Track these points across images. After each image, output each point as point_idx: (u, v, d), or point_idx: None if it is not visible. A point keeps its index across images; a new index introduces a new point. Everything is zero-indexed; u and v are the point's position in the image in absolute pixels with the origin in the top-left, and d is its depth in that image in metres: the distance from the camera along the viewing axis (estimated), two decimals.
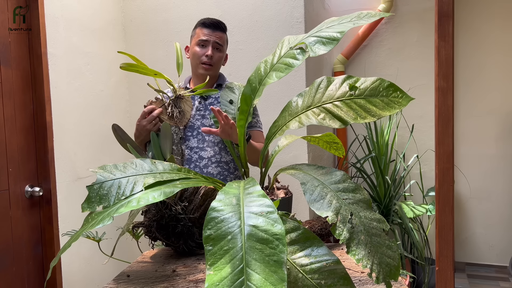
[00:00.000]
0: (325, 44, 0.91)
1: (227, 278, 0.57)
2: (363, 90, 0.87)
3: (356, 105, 0.87)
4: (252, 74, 1.06)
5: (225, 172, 1.73)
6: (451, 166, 1.12)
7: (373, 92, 0.86)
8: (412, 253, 2.94)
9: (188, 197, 1.19)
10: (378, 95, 0.86)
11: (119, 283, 1.03)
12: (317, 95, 0.94)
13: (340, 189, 0.81)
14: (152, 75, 1.38)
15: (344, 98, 0.89)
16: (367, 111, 0.85)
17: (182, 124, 1.59)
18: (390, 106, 0.84)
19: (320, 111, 0.91)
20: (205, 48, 1.72)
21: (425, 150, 3.31)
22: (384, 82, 0.86)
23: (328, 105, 0.91)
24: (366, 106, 0.86)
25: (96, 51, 2.47)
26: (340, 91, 0.90)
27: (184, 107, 1.57)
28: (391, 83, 0.85)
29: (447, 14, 1.11)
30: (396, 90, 0.85)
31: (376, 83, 0.87)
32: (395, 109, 0.83)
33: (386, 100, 0.85)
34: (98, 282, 2.40)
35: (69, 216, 2.18)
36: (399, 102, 0.84)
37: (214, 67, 1.75)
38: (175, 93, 1.54)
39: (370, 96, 0.86)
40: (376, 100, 0.86)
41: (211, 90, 1.60)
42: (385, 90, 0.85)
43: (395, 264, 0.71)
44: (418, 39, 3.39)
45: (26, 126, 2.00)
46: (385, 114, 0.84)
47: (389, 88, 0.85)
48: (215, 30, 1.73)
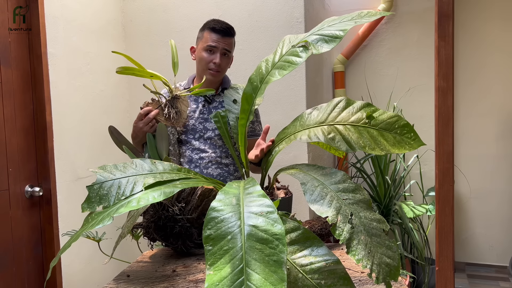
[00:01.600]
0: (328, 42, 0.92)
1: (227, 278, 0.57)
2: (378, 122, 0.86)
3: (368, 135, 0.86)
4: (253, 73, 1.06)
5: (225, 173, 1.73)
6: (451, 166, 1.12)
7: (388, 126, 0.85)
8: (412, 253, 2.94)
9: (186, 197, 1.19)
10: (392, 130, 0.85)
11: (119, 283, 1.03)
12: (332, 114, 0.94)
13: (340, 189, 0.81)
14: (148, 77, 1.37)
15: (358, 124, 0.88)
16: (377, 144, 0.84)
17: (179, 125, 1.58)
18: (401, 145, 0.83)
19: (331, 130, 0.90)
20: (213, 55, 1.67)
21: (425, 150, 3.31)
22: (401, 120, 0.85)
23: (340, 127, 0.90)
24: (377, 138, 0.85)
25: (96, 51, 2.47)
26: (356, 116, 0.89)
27: (181, 107, 1.56)
28: (407, 123, 0.84)
29: (447, 14, 1.11)
30: (411, 132, 0.84)
31: (394, 118, 0.86)
32: (405, 150, 0.82)
33: (399, 138, 0.84)
34: (98, 282, 2.40)
35: (69, 216, 2.18)
36: (410, 144, 0.83)
37: (220, 73, 1.72)
38: (171, 94, 1.53)
39: (384, 130, 0.85)
40: (389, 135, 0.85)
41: (207, 90, 1.58)
42: (400, 128, 0.84)
43: (395, 264, 0.71)
44: (418, 39, 3.39)
45: (26, 126, 2.00)
46: (393, 151, 0.83)
47: (404, 127, 0.84)
48: (224, 36, 1.67)
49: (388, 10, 3.36)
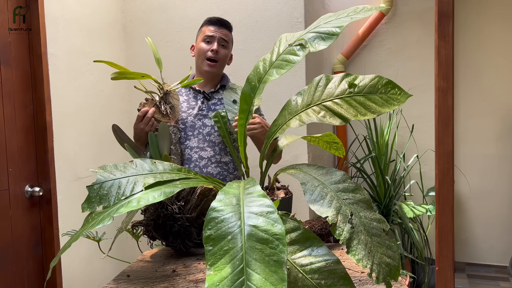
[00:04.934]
0: (325, 39, 0.92)
1: (227, 278, 0.57)
2: (362, 88, 0.88)
3: (355, 102, 0.88)
4: (250, 73, 1.06)
5: (224, 172, 1.74)
6: (451, 166, 1.12)
7: (372, 89, 0.87)
8: (412, 253, 2.94)
9: (185, 196, 1.19)
10: (377, 92, 0.87)
11: (119, 283, 1.03)
12: (316, 93, 0.95)
13: (340, 189, 0.81)
14: (140, 78, 1.39)
15: (344, 95, 0.90)
16: (367, 108, 0.86)
17: (174, 119, 1.60)
18: (389, 103, 0.85)
19: (320, 109, 0.92)
20: (211, 44, 1.73)
21: (425, 150, 3.31)
22: (382, 79, 0.87)
23: (328, 103, 0.91)
24: (365, 103, 0.87)
25: (96, 51, 2.47)
26: (339, 88, 0.91)
27: (173, 101, 1.58)
28: (389, 80, 0.86)
29: (447, 14, 1.11)
30: (395, 87, 0.86)
31: (375, 80, 0.88)
32: (394, 106, 0.84)
33: (385, 97, 0.86)
34: (98, 282, 2.40)
35: (69, 216, 2.18)
36: (398, 99, 0.85)
37: (218, 64, 1.75)
38: (162, 90, 1.54)
39: (369, 94, 0.87)
40: (375, 97, 0.87)
41: (196, 80, 1.56)
42: (383, 87, 0.86)
43: (395, 264, 0.71)
44: (418, 39, 3.39)
45: (26, 126, 2.00)
46: (384, 110, 0.85)
47: (388, 85, 0.86)
48: (221, 27, 1.75)
49: (388, 10, 3.36)
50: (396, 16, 3.44)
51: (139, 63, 2.71)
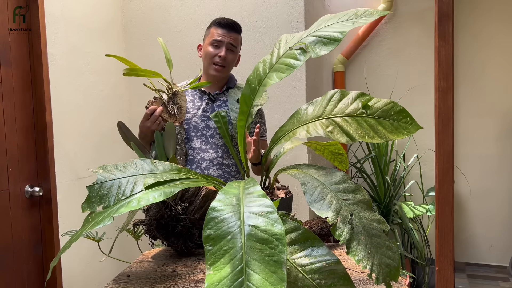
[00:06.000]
0: (326, 44, 0.91)
1: (226, 278, 0.57)
2: (375, 110, 0.87)
3: (366, 124, 0.86)
4: (250, 74, 1.06)
5: (226, 175, 1.73)
6: (451, 166, 1.12)
7: (385, 114, 0.86)
8: (412, 253, 2.94)
9: (189, 197, 1.19)
10: (389, 117, 0.85)
11: (119, 283, 1.03)
12: (328, 107, 0.94)
13: (340, 189, 0.81)
14: (151, 76, 1.39)
15: (355, 114, 0.88)
16: (376, 132, 0.85)
17: (180, 120, 1.60)
18: (399, 130, 0.84)
19: (329, 124, 0.91)
20: (219, 49, 1.68)
21: (425, 150, 3.31)
22: (396, 106, 0.86)
23: (338, 119, 0.90)
24: (375, 126, 0.85)
25: (96, 51, 2.47)
26: (352, 107, 0.90)
27: (180, 102, 1.58)
28: (403, 109, 0.85)
29: (447, 14, 1.11)
30: (407, 117, 0.84)
31: (389, 105, 0.86)
32: (403, 135, 0.83)
33: (396, 124, 0.85)
34: (98, 282, 2.40)
35: (69, 216, 2.18)
36: (408, 129, 0.83)
37: (226, 69, 1.72)
38: (171, 90, 1.54)
39: (381, 117, 0.86)
40: (386, 122, 0.85)
41: (205, 83, 1.58)
42: (396, 114, 0.85)
43: (395, 264, 0.71)
44: (418, 39, 3.39)
45: (26, 126, 2.00)
46: (392, 137, 0.83)
47: (401, 113, 0.85)
48: (230, 31, 1.69)
49: (388, 10, 3.36)
50: (396, 16, 3.44)
51: (139, 63, 2.67)
